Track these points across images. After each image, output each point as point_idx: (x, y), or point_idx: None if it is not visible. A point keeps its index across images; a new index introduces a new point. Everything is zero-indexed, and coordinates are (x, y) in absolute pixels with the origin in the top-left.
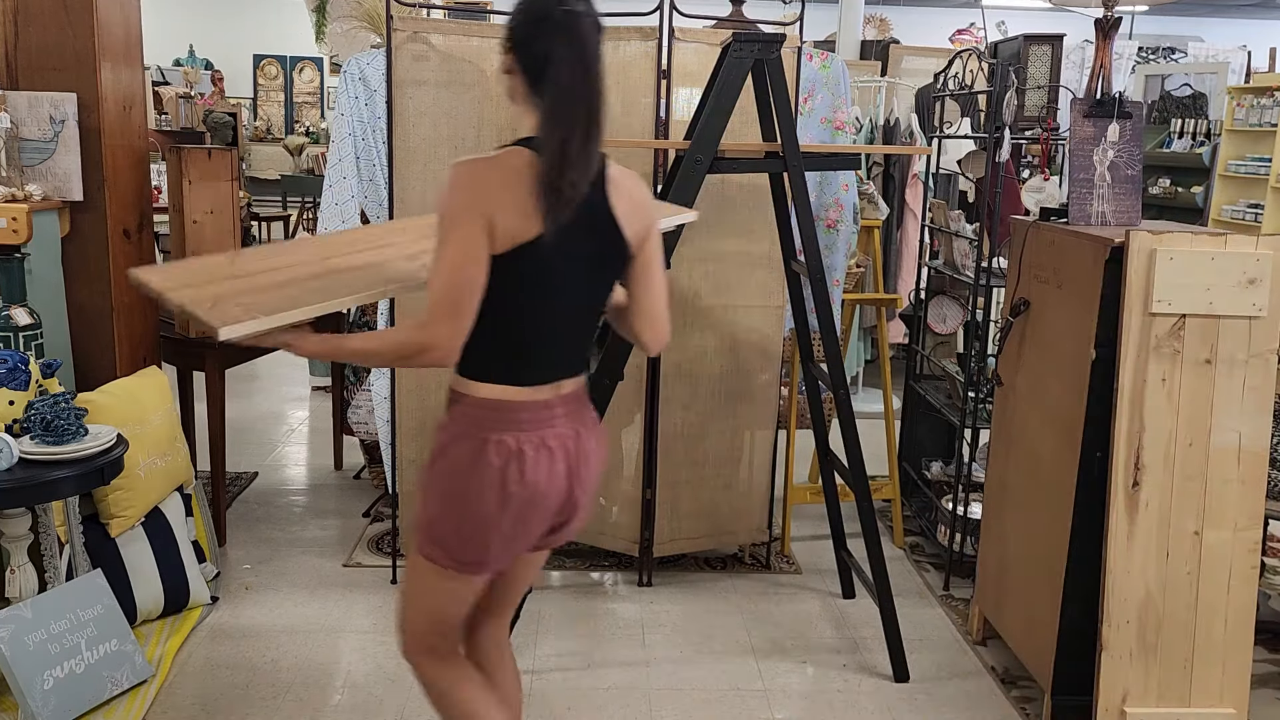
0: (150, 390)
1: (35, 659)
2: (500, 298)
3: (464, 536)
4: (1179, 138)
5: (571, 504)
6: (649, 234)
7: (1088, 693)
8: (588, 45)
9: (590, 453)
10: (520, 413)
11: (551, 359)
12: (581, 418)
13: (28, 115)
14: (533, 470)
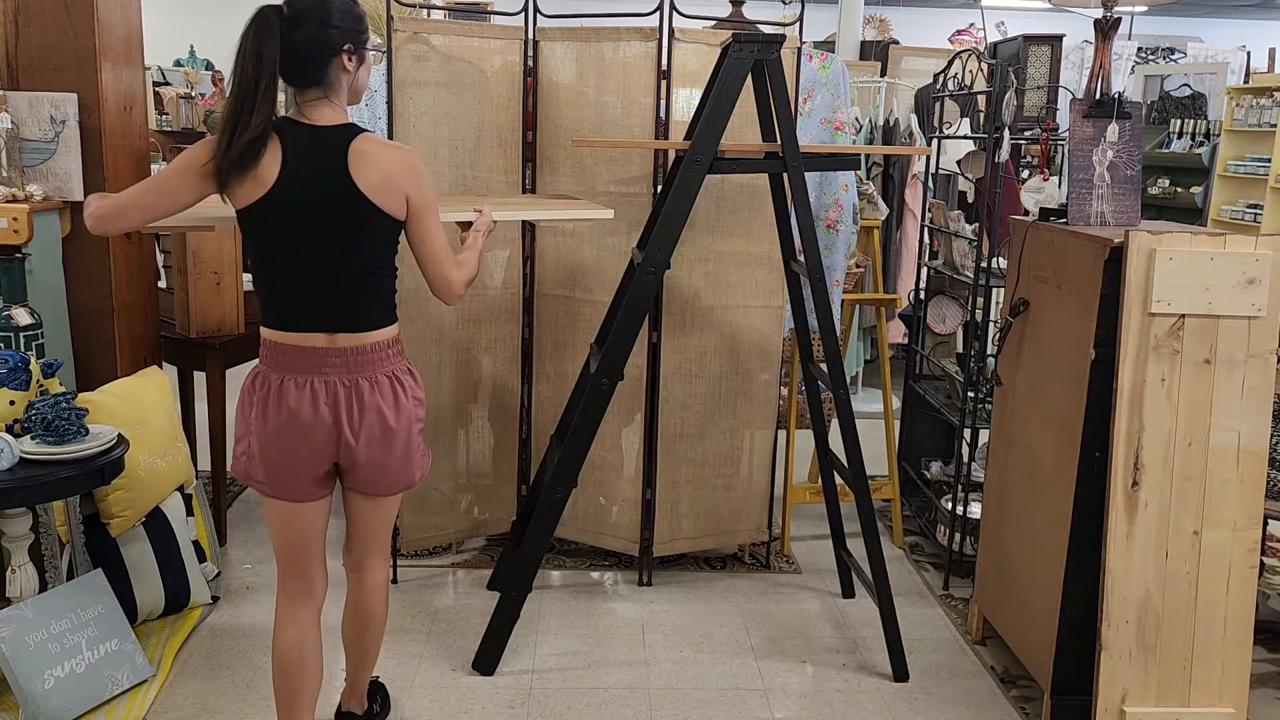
0: (151, 390)
1: (36, 658)
2: (251, 253)
3: (250, 456)
4: (1178, 138)
5: (346, 447)
6: (409, 204)
7: (1087, 692)
8: (248, 39)
9: (368, 407)
10: (289, 355)
11: (311, 310)
12: (365, 372)
13: (28, 115)
14: (294, 401)
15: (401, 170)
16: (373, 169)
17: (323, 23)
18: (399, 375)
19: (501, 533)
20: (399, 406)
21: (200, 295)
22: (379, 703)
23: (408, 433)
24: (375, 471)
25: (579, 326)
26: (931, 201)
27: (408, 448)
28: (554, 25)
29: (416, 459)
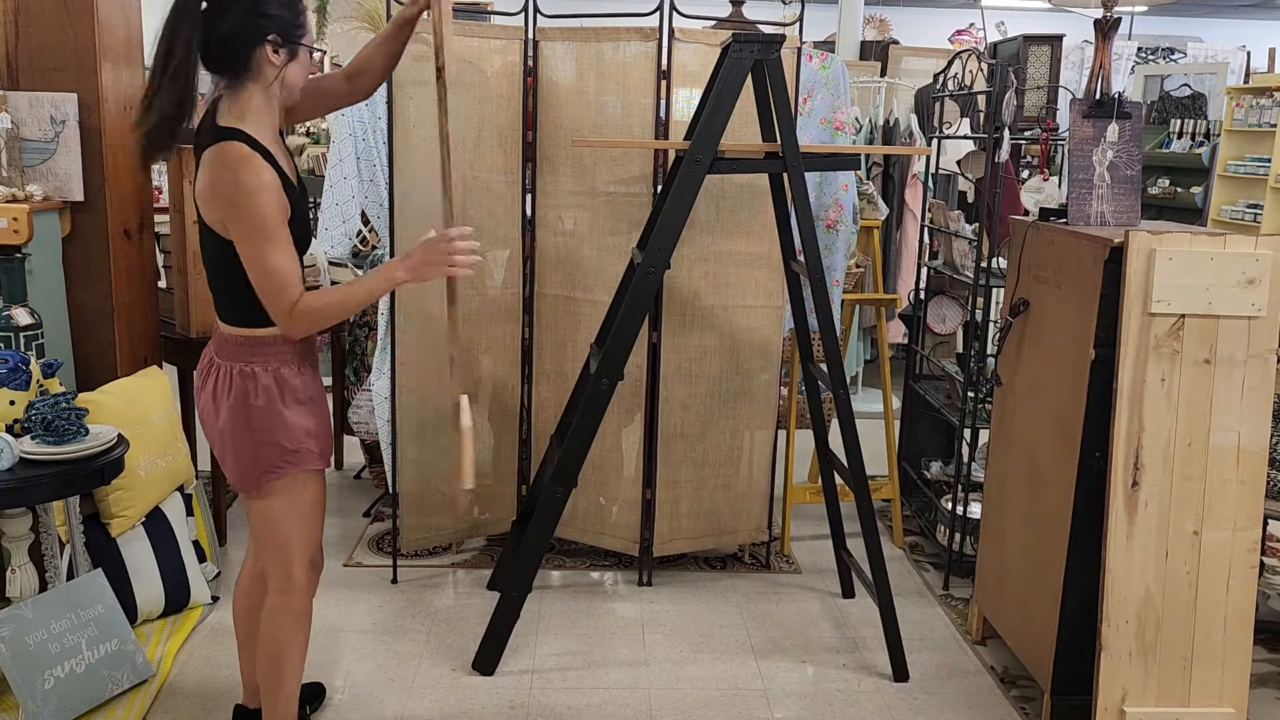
0: (151, 390)
1: (36, 658)
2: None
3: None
4: (1178, 138)
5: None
6: (215, 217)
7: (1087, 692)
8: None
9: (205, 396)
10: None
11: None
12: (219, 359)
13: (28, 115)
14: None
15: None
16: (202, 178)
17: (247, 8)
18: (234, 373)
19: (501, 533)
20: (219, 401)
21: (200, 295)
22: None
23: (221, 430)
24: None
25: (579, 326)
26: (931, 201)
27: (224, 446)
28: (554, 25)
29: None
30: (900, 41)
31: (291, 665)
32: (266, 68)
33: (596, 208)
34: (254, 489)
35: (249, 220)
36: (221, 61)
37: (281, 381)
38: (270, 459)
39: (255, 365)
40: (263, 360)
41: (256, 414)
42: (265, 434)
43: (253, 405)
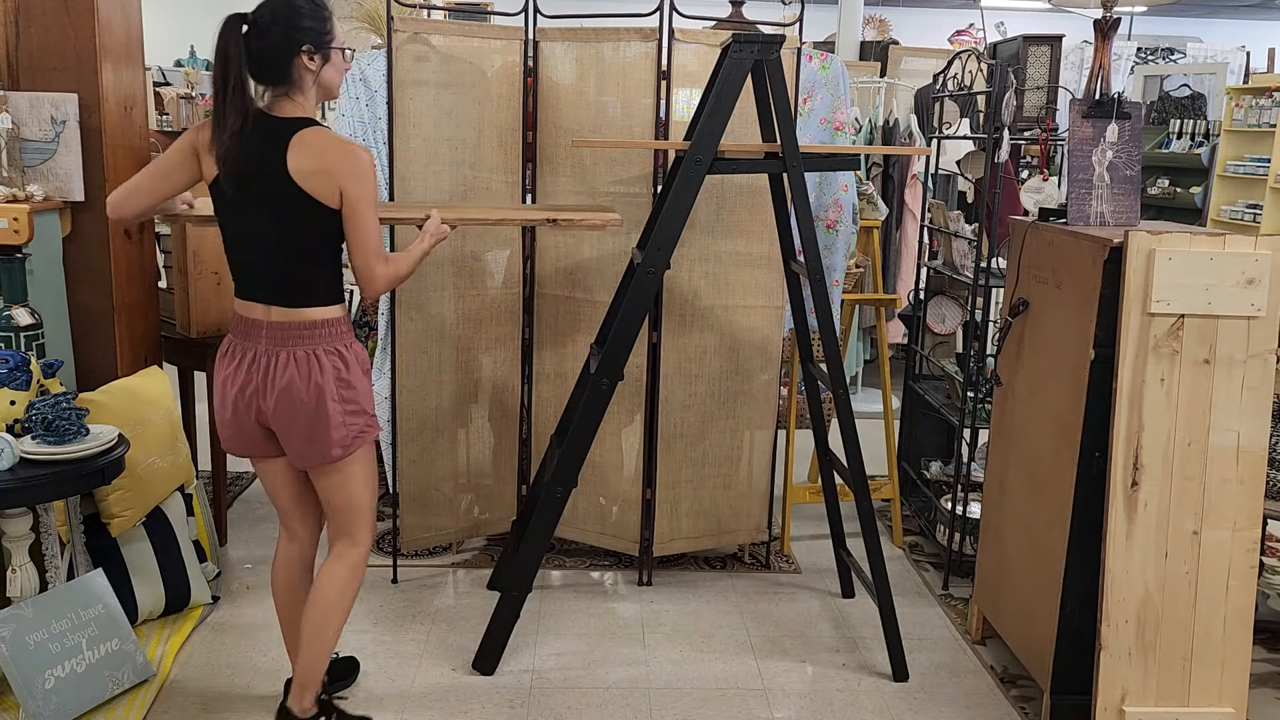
0: (151, 390)
1: (36, 658)
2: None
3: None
4: (1178, 138)
5: (264, 415)
6: (342, 195)
7: (1087, 692)
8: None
9: (283, 380)
10: (240, 324)
11: (251, 279)
12: (288, 346)
13: (29, 116)
14: (229, 364)
15: (340, 163)
16: (308, 157)
17: (283, 26)
18: (318, 353)
19: (501, 533)
20: (310, 381)
21: (200, 295)
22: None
23: (310, 404)
24: (288, 440)
25: (579, 326)
26: (931, 202)
27: (314, 422)
28: (554, 25)
29: (331, 436)
30: (900, 42)
31: (339, 620)
32: (305, 74)
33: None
34: (342, 457)
35: (368, 189)
36: (266, 73)
37: (358, 354)
38: (359, 426)
39: (339, 344)
40: (343, 338)
41: (346, 386)
42: (354, 404)
43: (343, 379)
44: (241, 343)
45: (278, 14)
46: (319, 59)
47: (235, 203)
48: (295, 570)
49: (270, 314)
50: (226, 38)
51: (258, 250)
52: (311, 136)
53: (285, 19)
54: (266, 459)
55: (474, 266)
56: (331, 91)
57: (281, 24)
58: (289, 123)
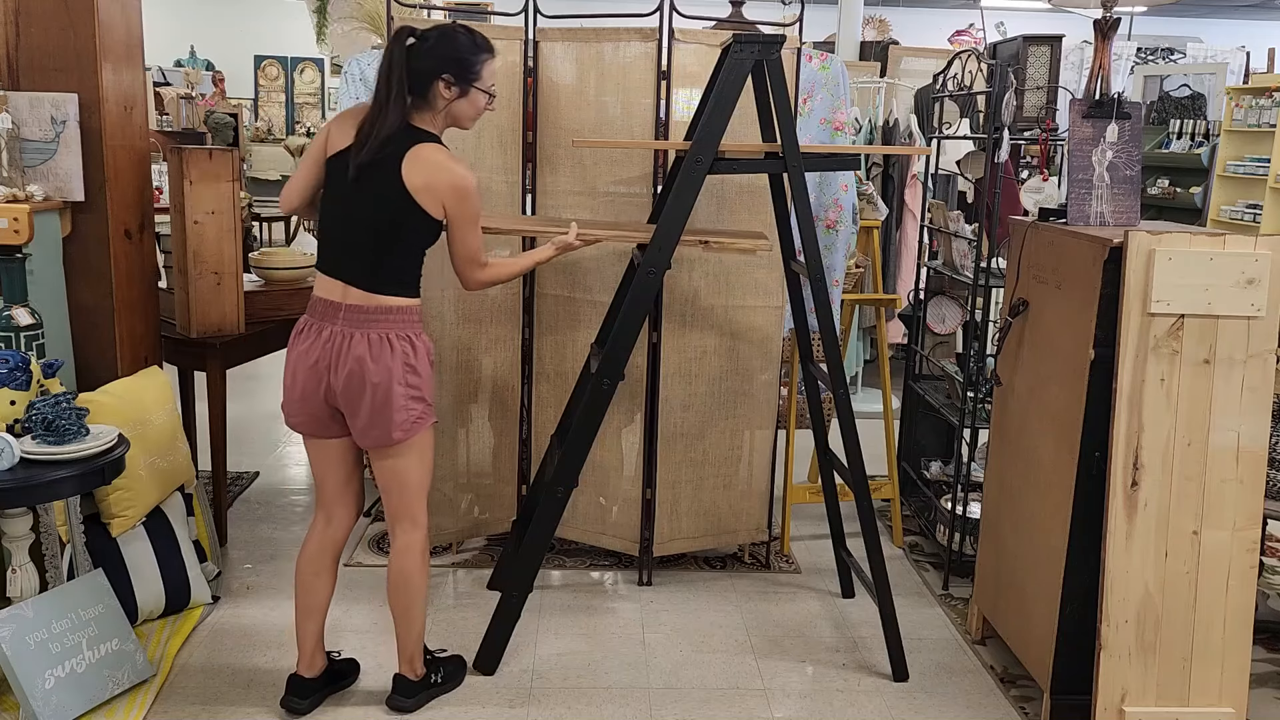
0: (151, 390)
1: (36, 658)
2: (322, 191)
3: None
4: (1178, 138)
5: (331, 391)
6: (445, 212)
7: (1087, 692)
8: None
9: (353, 358)
10: (317, 304)
11: (338, 258)
12: (363, 328)
13: (29, 116)
14: (304, 341)
15: (443, 184)
16: (418, 172)
17: (436, 51)
18: (390, 337)
19: (502, 533)
20: (380, 362)
21: (200, 295)
22: (440, 674)
23: (380, 385)
24: (353, 418)
25: (579, 326)
26: (931, 202)
27: (379, 402)
28: (554, 25)
29: (393, 419)
30: (900, 42)
31: (421, 595)
32: (439, 98)
33: (596, 208)
34: (402, 440)
35: (467, 208)
36: (411, 84)
37: (426, 344)
38: (419, 411)
39: (409, 331)
40: (414, 326)
41: (412, 372)
42: (417, 390)
43: (410, 364)
44: (318, 321)
45: (437, 39)
46: (456, 90)
47: (348, 186)
48: (326, 556)
49: (348, 295)
50: (394, 46)
51: (354, 233)
52: (426, 153)
53: (440, 46)
54: (325, 438)
55: None
56: (460, 124)
57: (436, 49)
58: (414, 133)
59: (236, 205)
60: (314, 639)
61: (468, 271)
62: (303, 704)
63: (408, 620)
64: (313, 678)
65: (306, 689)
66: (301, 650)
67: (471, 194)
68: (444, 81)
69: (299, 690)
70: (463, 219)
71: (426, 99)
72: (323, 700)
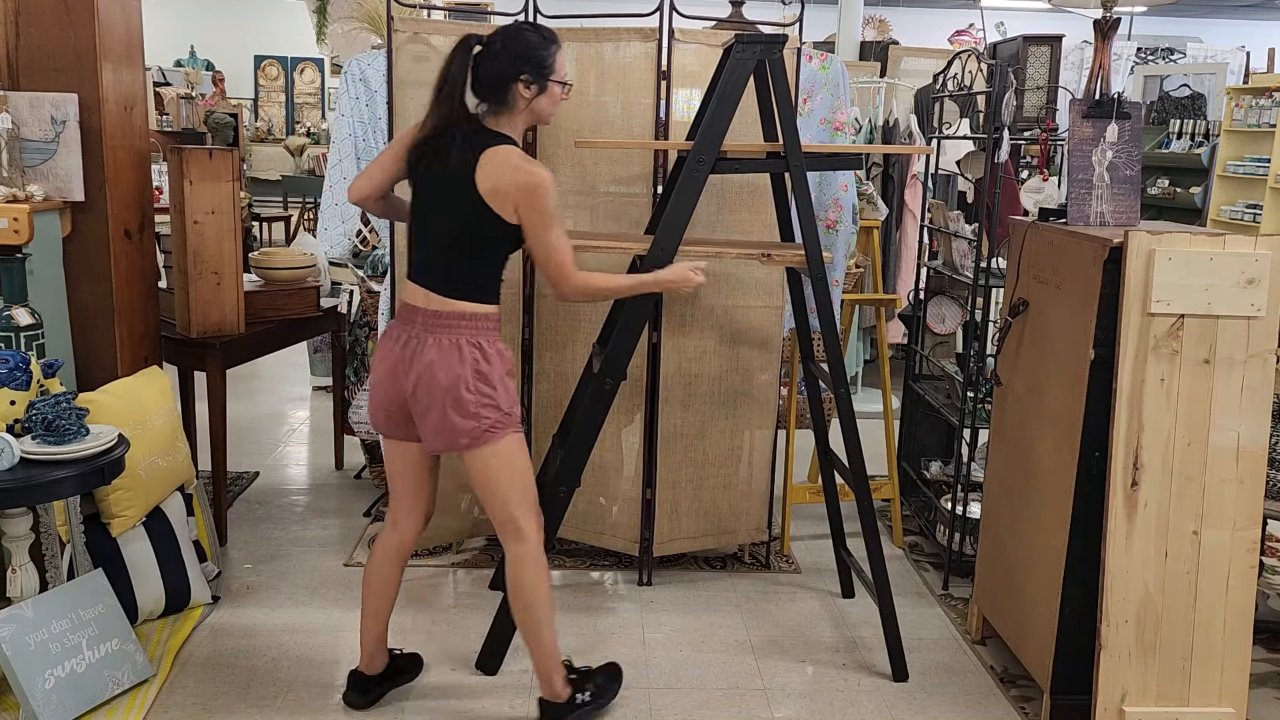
0: (151, 390)
1: (36, 658)
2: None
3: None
4: (1178, 138)
5: (408, 395)
6: (517, 211)
7: (1087, 692)
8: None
9: (424, 363)
10: (402, 309)
11: (421, 265)
12: (437, 333)
13: (29, 116)
14: (386, 344)
15: (514, 186)
16: (490, 175)
17: (509, 54)
18: (462, 343)
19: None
20: (449, 368)
21: (200, 295)
22: (588, 691)
23: (448, 390)
24: (421, 422)
25: (579, 326)
26: (931, 202)
27: (445, 407)
28: (554, 25)
29: (460, 425)
30: (900, 42)
31: (543, 609)
32: (519, 99)
33: (596, 208)
34: (471, 447)
35: (541, 213)
36: (485, 91)
37: (501, 352)
38: (491, 420)
39: (481, 338)
40: (488, 334)
41: (482, 379)
42: (488, 398)
43: (480, 371)
44: (402, 327)
45: (507, 42)
46: (535, 88)
47: (425, 195)
48: (391, 561)
49: (429, 301)
50: (454, 55)
51: (432, 240)
52: (501, 155)
53: (511, 47)
54: (403, 441)
55: None
56: (543, 119)
57: (507, 51)
58: (489, 136)
59: (236, 205)
60: (377, 639)
61: (554, 278)
62: (362, 699)
63: (533, 637)
64: (374, 674)
65: (367, 685)
66: (363, 649)
67: (541, 193)
68: (523, 82)
69: (359, 686)
70: (538, 221)
71: (505, 102)
72: (383, 695)
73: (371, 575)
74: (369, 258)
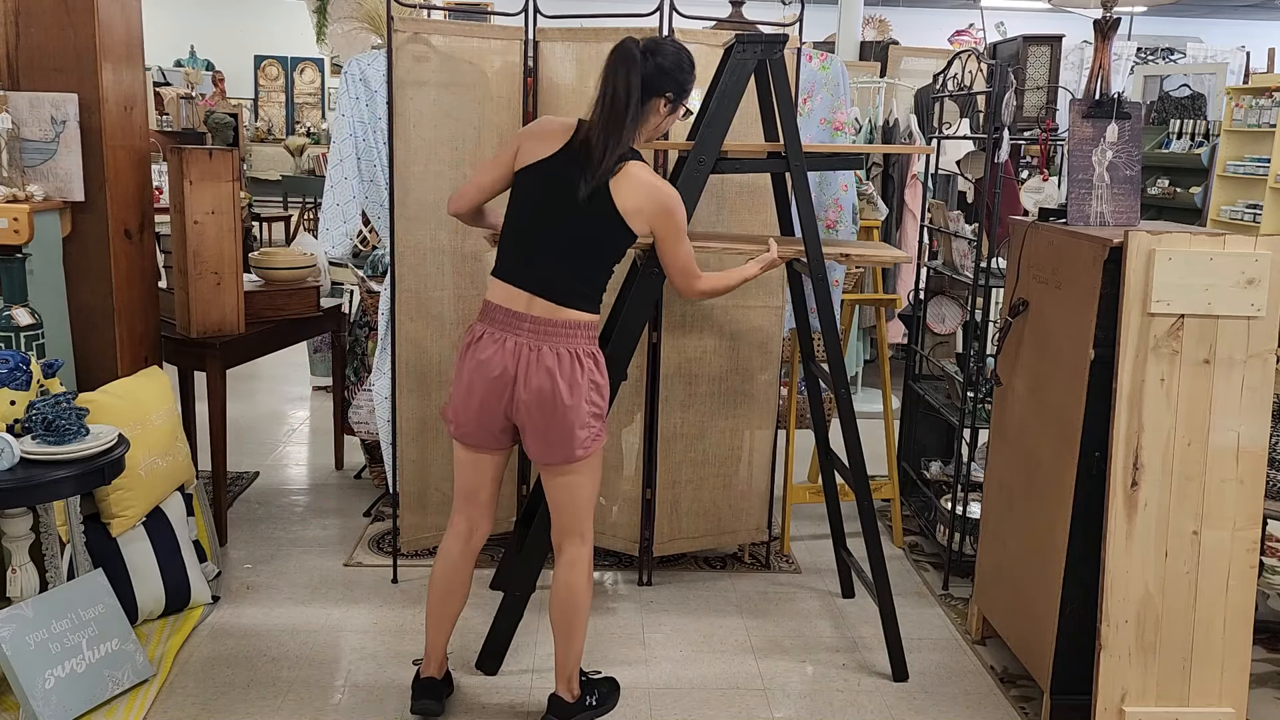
0: (151, 390)
1: (36, 658)
2: (510, 201)
3: (449, 399)
4: (1178, 138)
5: (514, 404)
6: (651, 228)
7: (1087, 692)
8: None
9: (542, 369)
10: (498, 312)
11: (525, 269)
12: (551, 342)
13: (29, 116)
14: (484, 350)
15: (650, 205)
16: (626, 193)
17: (666, 69)
18: (580, 354)
19: (502, 532)
20: (571, 381)
21: (200, 295)
22: (595, 697)
23: (573, 407)
24: (536, 434)
25: None
26: (931, 202)
27: (568, 420)
28: (554, 25)
29: (578, 436)
30: (900, 42)
31: (585, 613)
32: (653, 115)
33: None
34: (583, 457)
35: (673, 226)
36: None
37: (600, 360)
38: (599, 428)
39: (594, 347)
40: (595, 344)
41: (596, 390)
42: (599, 407)
43: (593, 380)
44: (501, 331)
45: (669, 57)
46: (669, 108)
47: (545, 202)
48: (466, 565)
49: (533, 306)
50: (620, 64)
51: (548, 246)
52: (637, 172)
53: (671, 64)
54: (492, 451)
55: (474, 267)
56: (656, 134)
57: (665, 67)
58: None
59: (236, 205)
60: (445, 644)
61: (684, 283)
62: (438, 705)
63: (569, 638)
64: (441, 679)
65: (439, 689)
66: (430, 655)
67: (676, 211)
68: (665, 99)
69: (431, 692)
70: (671, 236)
71: (642, 114)
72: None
73: (445, 581)
74: (369, 258)
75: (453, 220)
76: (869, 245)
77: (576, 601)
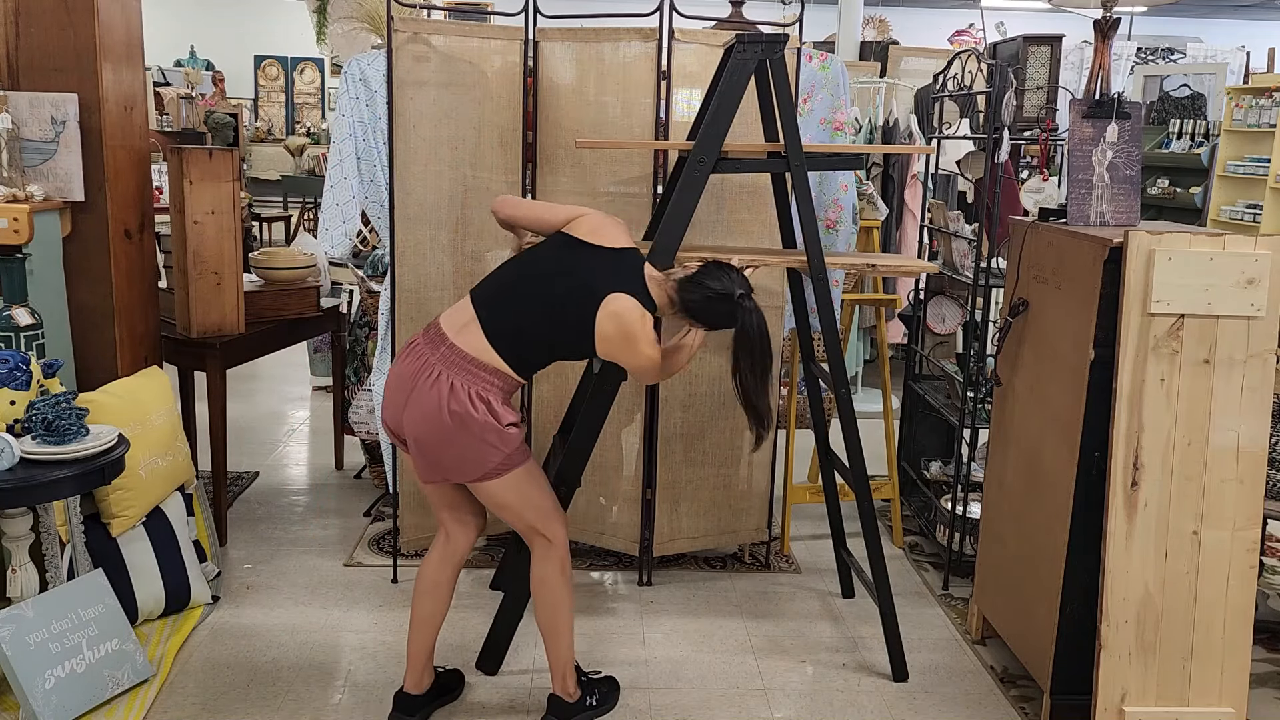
0: (151, 390)
1: (36, 658)
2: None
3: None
4: (1178, 138)
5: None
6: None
7: (1087, 692)
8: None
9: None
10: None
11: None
12: (455, 374)
13: (29, 116)
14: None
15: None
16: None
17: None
18: (475, 395)
19: (502, 533)
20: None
21: (200, 295)
22: (595, 697)
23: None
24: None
25: None
26: (931, 202)
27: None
28: (554, 25)
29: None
30: (900, 42)
31: (563, 609)
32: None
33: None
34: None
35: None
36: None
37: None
38: (507, 451)
39: (492, 396)
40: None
41: (495, 432)
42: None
43: (490, 423)
44: (424, 347)
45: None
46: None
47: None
48: (445, 569)
49: (464, 333)
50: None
51: (531, 298)
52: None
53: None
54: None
55: (474, 267)
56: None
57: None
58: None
59: (236, 205)
60: (425, 655)
61: (645, 382)
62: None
63: (554, 635)
64: (420, 694)
65: (414, 705)
66: (412, 667)
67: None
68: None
69: (406, 707)
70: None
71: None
72: (430, 715)
73: (423, 583)
74: (369, 258)
75: (453, 220)
76: (895, 257)
77: (550, 597)
